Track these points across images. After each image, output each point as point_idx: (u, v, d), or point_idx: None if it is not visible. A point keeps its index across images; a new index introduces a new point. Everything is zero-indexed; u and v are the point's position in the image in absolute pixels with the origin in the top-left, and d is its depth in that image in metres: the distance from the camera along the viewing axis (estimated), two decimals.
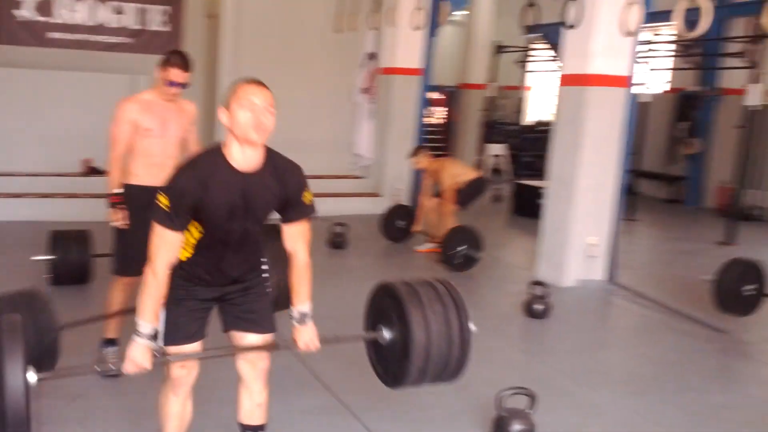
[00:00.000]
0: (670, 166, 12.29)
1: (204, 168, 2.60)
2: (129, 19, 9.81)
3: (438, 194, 7.62)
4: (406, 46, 9.79)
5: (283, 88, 9.68)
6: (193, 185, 2.57)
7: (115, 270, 4.18)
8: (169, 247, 2.62)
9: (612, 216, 6.76)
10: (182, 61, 4.00)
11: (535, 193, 9.99)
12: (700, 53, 11.30)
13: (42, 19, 9.38)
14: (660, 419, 3.99)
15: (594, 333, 5.69)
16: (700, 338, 5.44)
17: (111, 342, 4.21)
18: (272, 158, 2.67)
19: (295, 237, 2.80)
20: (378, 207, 9.54)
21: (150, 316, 2.63)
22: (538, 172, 14.09)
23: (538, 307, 5.65)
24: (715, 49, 11.22)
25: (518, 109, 15.49)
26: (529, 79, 13.90)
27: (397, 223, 8.12)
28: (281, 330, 2.92)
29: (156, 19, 9.96)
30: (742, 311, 5.55)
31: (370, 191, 10.00)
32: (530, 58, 13.62)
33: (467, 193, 7.52)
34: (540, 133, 14.83)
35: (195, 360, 2.85)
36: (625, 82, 6.63)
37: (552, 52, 13.60)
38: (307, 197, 2.76)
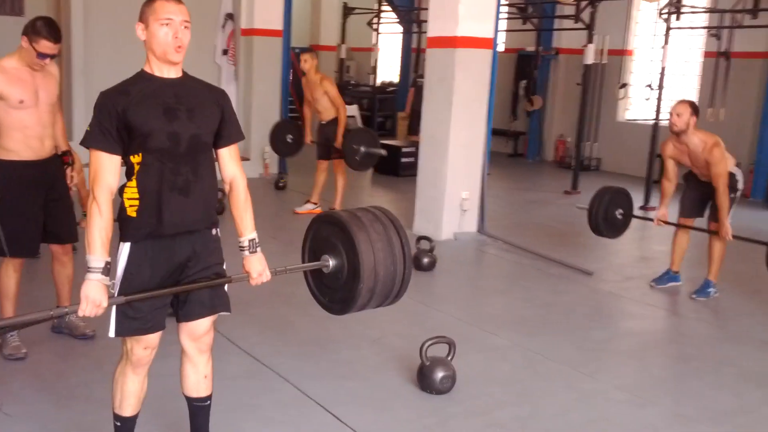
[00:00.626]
0: (512, 122, 13.05)
1: (125, 82, 2.61)
2: None
3: (323, 155, 7.69)
4: (264, 7, 9.71)
5: (140, 53, 9.37)
6: (114, 94, 2.55)
7: (4, 252, 3.96)
8: (106, 171, 2.53)
9: (481, 171, 7.18)
10: (52, 32, 3.79)
11: (394, 152, 10.36)
12: (536, 15, 12.02)
13: None
14: (557, 356, 4.41)
15: (478, 281, 6.11)
16: (570, 280, 5.99)
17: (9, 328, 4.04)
18: (193, 77, 2.73)
19: (234, 160, 2.78)
20: (248, 171, 9.46)
21: (100, 249, 2.49)
22: (391, 131, 14.54)
23: (426, 260, 5.96)
24: (550, 11, 11.99)
25: (369, 71, 15.74)
26: (379, 41, 14.12)
27: (286, 138, 8.13)
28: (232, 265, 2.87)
29: None
30: (615, 233, 6.13)
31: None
32: (380, 20, 13.82)
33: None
34: (390, 94, 15.23)
35: (157, 340, 2.75)
36: (490, 43, 7.02)
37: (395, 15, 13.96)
38: (236, 120, 2.80)
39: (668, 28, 9.30)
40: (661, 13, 9.48)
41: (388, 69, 15.99)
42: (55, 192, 4.06)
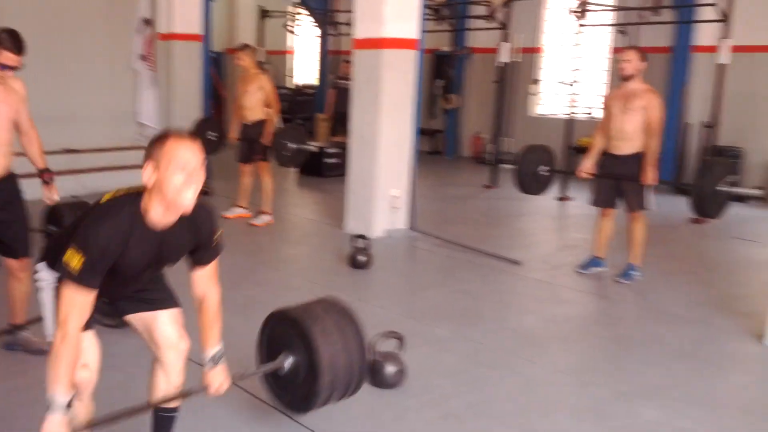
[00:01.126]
0: (431, 120, 13.29)
1: (124, 223, 2.43)
2: None
3: (245, 158, 7.65)
4: (183, 11, 9.61)
5: (55, 59, 9.26)
6: (115, 243, 2.41)
7: None
8: (82, 308, 2.41)
9: (409, 169, 7.33)
10: (15, 44, 3.76)
11: (320, 153, 10.43)
12: (450, 16, 12.29)
13: None
14: (498, 345, 4.58)
15: (413, 276, 6.25)
16: (501, 271, 6.20)
17: None
18: (187, 218, 2.58)
19: (207, 279, 2.76)
20: None
21: (66, 384, 2.38)
22: (310, 133, 14.54)
23: (362, 258, 6.06)
24: (464, 12, 12.30)
25: (287, 74, 15.72)
26: (295, 44, 14.13)
27: (209, 135, 8.01)
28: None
29: None
30: (540, 190, 6.41)
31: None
32: (296, 23, 13.83)
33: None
34: (309, 96, 15.25)
35: (97, 361, 2.67)
36: (414, 44, 7.18)
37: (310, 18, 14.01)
38: (217, 238, 2.74)
39: (579, 26, 9.70)
40: (571, 12, 9.86)
41: (304, 71, 16.00)
42: (8, 213, 3.97)
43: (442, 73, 13.10)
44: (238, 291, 5.10)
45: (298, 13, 13.66)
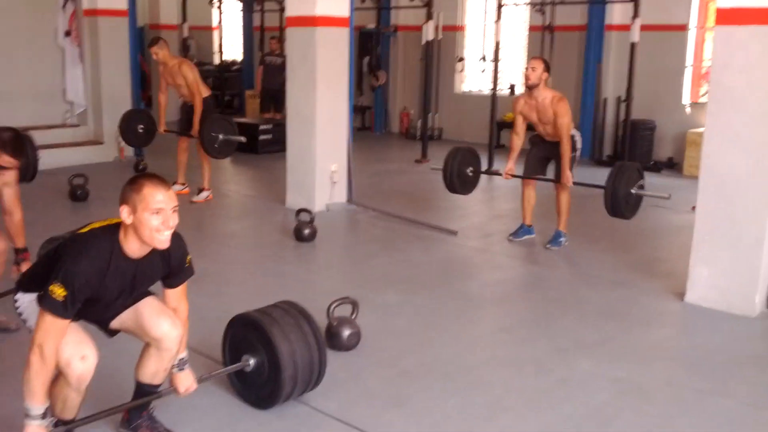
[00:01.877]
0: (359, 97, 13.46)
1: (101, 257, 2.63)
2: None
3: (183, 130, 7.68)
4: None
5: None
6: (94, 278, 2.60)
7: None
8: (59, 334, 2.59)
9: (346, 145, 7.53)
10: (17, 148, 3.85)
11: (253, 130, 10.50)
12: None
13: None
14: (441, 308, 4.88)
15: (357, 247, 6.50)
16: (438, 240, 6.50)
17: None
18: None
19: (178, 298, 3.01)
20: (103, 155, 9.36)
21: (41, 398, 2.60)
22: (239, 109, 14.54)
23: (306, 231, 6.26)
24: None
25: (212, 49, 15.56)
26: (220, 20, 14.01)
27: (138, 128, 8.04)
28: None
29: None
30: (467, 190, 6.75)
31: (90, 139, 9.64)
32: None
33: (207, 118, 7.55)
34: (235, 72, 15.17)
35: (94, 352, 2.77)
36: (346, 22, 7.35)
37: None
38: (188, 262, 2.95)
39: (500, 5, 10.03)
40: None
41: (229, 47, 15.88)
42: None
43: (368, 50, 13.27)
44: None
45: None
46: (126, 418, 3.17)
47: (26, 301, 2.83)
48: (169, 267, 2.87)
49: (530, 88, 5.95)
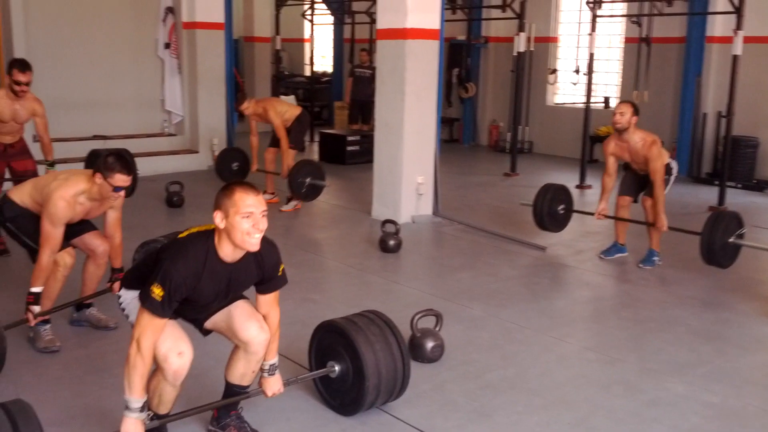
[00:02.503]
0: (447, 109, 13.44)
1: (197, 259, 2.76)
2: None
3: (273, 143, 7.85)
4: (205, 1, 9.77)
5: (81, 47, 9.48)
6: (189, 279, 2.73)
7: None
8: (156, 331, 2.74)
9: (433, 157, 7.52)
10: (126, 166, 3.99)
11: (340, 141, 10.62)
12: (466, 5, 12.42)
13: None
14: (528, 324, 4.79)
15: (442, 260, 6.45)
16: (526, 255, 6.40)
17: (45, 321, 4.21)
18: (254, 253, 2.87)
19: (270, 304, 3.09)
20: (198, 163, 9.65)
21: (139, 391, 2.73)
22: (328, 121, 14.75)
23: (392, 242, 6.27)
24: (479, 2, 12.44)
25: (303, 61, 15.87)
26: (312, 32, 14.26)
27: (232, 166, 8.32)
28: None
29: None
30: (558, 227, 6.62)
31: (186, 148, 9.97)
32: (314, 12, 13.94)
33: (297, 130, 7.82)
34: (325, 84, 15.42)
35: (190, 348, 2.91)
36: (436, 34, 7.35)
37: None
38: (281, 270, 3.04)
39: (594, 16, 9.84)
40: (587, 2, 10.00)
41: (320, 59, 16.17)
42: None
43: (458, 62, 13.24)
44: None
45: (315, 2, 13.79)
46: (215, 416, 3.28)
47: (129, 297, 2.99)
48: (262, 273, 2.96)
49: (619, 132, 5.83)
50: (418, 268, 6.18)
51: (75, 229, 4.25)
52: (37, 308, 4.02)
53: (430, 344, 4.13)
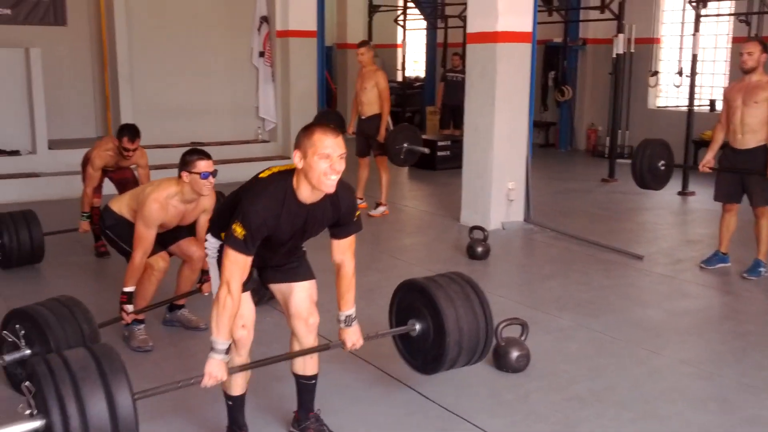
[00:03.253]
0: (543, 113, 13.18)
1: (276, 200, 2.79)
2: None
3: (361, 152, 7.86)
4: (298, 9, 9.95)
5: (179, 55, 9.77)
6: (270, 219, 2.78)
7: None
8: (242, 269, 2.80)
9: (524, 161, 7.36)
10: (202, 153, 4.15)
11: (431, 146, 10.53)
12: (563, 7, 12.15)
13: None
14: (620, 335, 4.59)
15: (532, 268, 6.29)
16: (621, 264, 6.16)
17: (139, 321, 4.38)
18: (331, 195, 2.89)
19: (344, 250, 3.07)
20: None
21: (226, 333, 2.80)
22: (419, 126, 14.71)
23: (480, 249, 6.15)
24: (576, 3, 12.14)
25: (395, 67, 15.93)
26: (404, 37, 14.29)
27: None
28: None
29: None
30: (659, 184, 6.36)
31: (279, 154, 10.16)
32: (406, 17, 13.97)
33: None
34: (417, 89, 15.40)
35: (252, 322, 3.05)
36: (529, 37, 7.19)
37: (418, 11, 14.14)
38: (356, 216, 3.04)
39: (698, 16, 9.42)
40: (690, 1, 9.59)
41: (412, 64, 16.17)
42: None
43: (553, 64, 12.97)
44: (362, 277, 5.20)
45: (408, 7, 13.80)
46: (296, 418, 3.32)
47: (212, 246, 3.05)
48: (338, 215, 2.96)
49: (747, 72, 5.52)
50: (506, 275, 6.04)
51: (171, 236, 4.40)
52: (130, 307, 4.17)
53: (515, 353, 4.02)
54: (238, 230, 2.73)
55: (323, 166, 2.71)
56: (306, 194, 2.81)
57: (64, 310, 3.56)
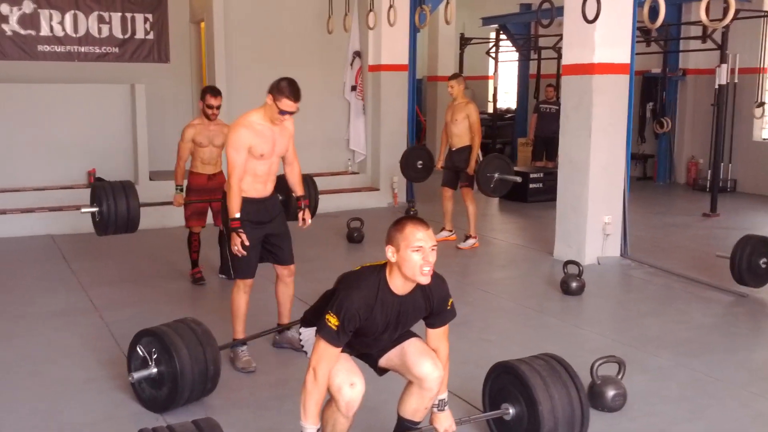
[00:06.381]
0: (640, 145, 12.82)
1: (370, 290, 2.86)
2: (114, 28, 9.81)
3: (449, 184, 7.81)
4: (391, 43, 10.04)
5: (269, 79, 9.72)
6: (363, 310, 2.83)
7: (237, 275, 4.47)
8: (332, 359, 2.84)
9: (621, 195, 7.14)
10: (293, 92, 4.20)
11: (522, 178, 10.38)
12: (662, 38, 11.83)
13: (30, 32, 9.32)
14: (723, 376, 4.35)
15: (629, 304, 6.07)
16: (723, 303, 5.87)
17: (241, 342, 4.49)
18: (423, 287, 2.94)
19: (439, 338, 3.10)
20: (378, 200, 9.88)
21: (314, 418, 2.84)
22: (510, 157, 14.56)
23: (574, 284, 5.98)
24: (676, 34, 11.81)
25: (486, 98, 15.90)
26: (494, 69, 14.25)
27: (417, 164, 8.55)
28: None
29: (140, 27, 9.98)
30: (759, 283, 5.96)
31: (368, 186, 10.25)
32: (498, 49, 13.95)
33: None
34: (508, 120, 15.30)
35: (362, 378, 2.97)
36: (626, 69, 7.02)
37: (510, 43, 14.07)
38: (449, 304, 3.04)
39: None
40: None
41: (503, 95, 16.09)
42: (275, 226, 4.50)
43: (652, 95, 12.62)
44: None
45: (499, 39, 13.76)
46: None
47: (308, 335, 3.12)
48: (431, 306, 2.99)
49: None
50: (601, 312, 5.84)
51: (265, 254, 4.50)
52: (242, 233, 4.22)
53: (611, 393, 3.86)
54: (332, 320, 2.80)
55: (417, 258, 2.78)
56: (398, 285, 2.88)
57: (188, 332, 3.75)
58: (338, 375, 2.89)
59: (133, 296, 5.94)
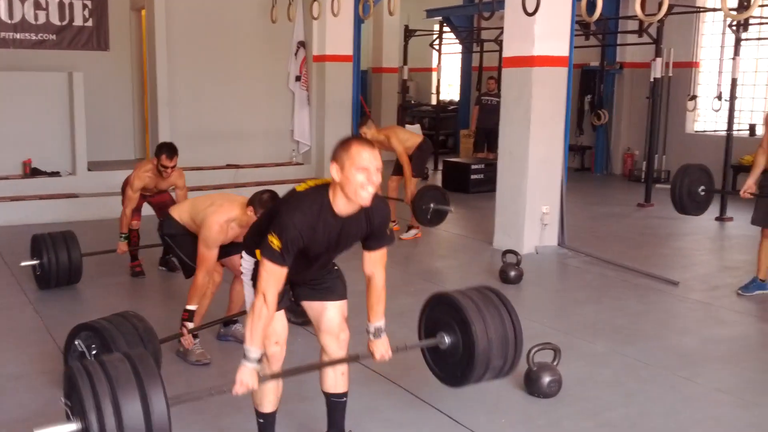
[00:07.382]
0: (578, 137, 13.08)
1: (313, 212, 2.83)
2: (51, 14, 9.56)
3: (396, 171, 7.86)
4: (335, 34, 10.04)
5: (217, 79, 9.93)
6: (306, 230, 2.81)
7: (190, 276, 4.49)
8: (278, 280, 2.84)
9: (559, 186, 7.30)
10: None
11: (464, 169, 10.56)
12: (600, 31, 12.09)
13: None
14: (655, 362, 4.51)
15: (565, 293, 6.23)
16: (657, 290, 6.07)
17: (194, 336, 4.46)
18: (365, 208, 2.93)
19: (375, 262, 3.10)
20: None
21: (259, 342, 2.85)
22: (453, 149, 14.74)
23: (513, 273, 6.11)
24: (614, 27, 12.09)
25: (429, 90, 16.00)
26: (438, 61, 14.34)
27: None
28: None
29: (79, 14, 9.74)
30: (698, 210, 6.29)
31: (312, 176, 10.22)
32: (441, 41, 14.03)
33: (419, 158, 7.69)
34: (451, 112, 15.44)
35: (285, 339, 3.11)
36: (565, 61, 7.17)
37: (453, 35, 14.18)
38: (389, 230, 3.08)
39: (738, 39, 9.31)
40: (730, 25, 9.50)
41: (446, 87, 16.23)
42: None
43: (590, 88, 12.90)
44: (393, 300, 5.19)
45: (443, 32, 13.86)
46: None
47: (249, 261, 3.11)
48: (371, 228, 2.99)
49: None
50: (538, 300, 5.98)
51: (225, 251, 4.47)
52: (191, 324, 4.30)
53: (546, 379, 3.98)
54: (275, 242, 2.77)
55: (360, 178, 2.74)
56: (342, 206, 2.84)
57: (127, 325, 3.72)
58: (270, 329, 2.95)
59: (70, 290, 5.83)
